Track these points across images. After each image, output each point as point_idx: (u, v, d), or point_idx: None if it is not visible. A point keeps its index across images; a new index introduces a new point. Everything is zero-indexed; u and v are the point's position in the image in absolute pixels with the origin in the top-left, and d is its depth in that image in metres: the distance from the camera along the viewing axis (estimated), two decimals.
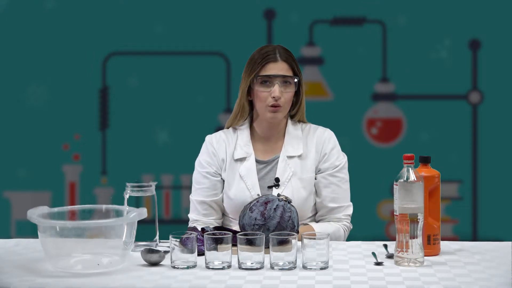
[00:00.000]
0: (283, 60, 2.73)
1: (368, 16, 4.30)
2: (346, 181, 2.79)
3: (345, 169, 2.80)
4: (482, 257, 2.35)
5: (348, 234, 2.80)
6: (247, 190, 2.74)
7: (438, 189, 2.38)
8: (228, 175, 2.77)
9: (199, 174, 2.82)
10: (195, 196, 2.81)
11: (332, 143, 2.79)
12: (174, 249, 2.23)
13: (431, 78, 4.29)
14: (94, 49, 4.31)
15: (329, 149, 2.78)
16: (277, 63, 2.72)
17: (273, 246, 2.21)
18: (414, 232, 2.24)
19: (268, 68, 2.72)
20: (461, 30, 4.27)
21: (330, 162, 2.77)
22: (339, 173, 2.77)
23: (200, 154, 2.84)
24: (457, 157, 4.29)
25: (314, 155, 2.77)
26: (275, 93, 2.69)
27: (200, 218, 2.78)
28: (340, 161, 2.78)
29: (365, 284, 2.06)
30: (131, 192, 2.45)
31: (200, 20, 4.31)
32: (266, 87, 2.71)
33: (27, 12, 4.31)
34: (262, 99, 2.72)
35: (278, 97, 2.69)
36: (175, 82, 4.33)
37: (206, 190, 2.79)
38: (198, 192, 2.80)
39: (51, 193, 4.33)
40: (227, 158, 2.79)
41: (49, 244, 2.21)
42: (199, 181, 2.81)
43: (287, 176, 2.74)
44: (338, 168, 2.77)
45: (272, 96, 2.70)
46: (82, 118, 4.34)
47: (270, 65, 2.72)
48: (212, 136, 2.84)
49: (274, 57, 2.72)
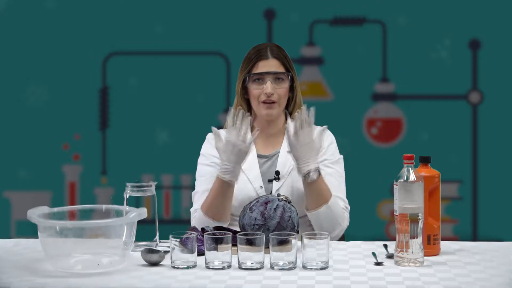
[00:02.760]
0: (274, 57, 2.75)
1: (368, 16, 4.30)
2: (341, 176, 2.78)
3: (341, 165, 2.79)
4: (482, 257, 2.35)
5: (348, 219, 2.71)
6: (249, 183, 2.74)
7: (438, 189, 2.38)
8: None
9: (204, 166, 2.79)
10: (201, 187, 2.75)
11: (329, 140, 2.82)
12: (174, 249, 2.23)
13: (431, 78, 4.29)
14: (94, 49, 4.31)
15: (327, 144, 2.79)
16: (268, 61, 2.74)
17: (273, 246, 2.21)
18: (414, 232, 2.24)
19: (260, 66, 2.74)
20: (461, 30, 4.27)
21: (326, 155, 2.78)
22: (334, 165, 2.77)
23: (203, 149, 2.83)
24: (457, 157, 4.29)
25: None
26: (267, 89, 2.71)
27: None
28: (336, 157, 2.79)
29: (365, 284, 2.06)
30: (131, 192, 2.45)
31: (200, 20, 4.31)
32: (258, 84, 2.74)
33: (27, 12, 4.31)
34: (255, 96, 2.74)
35: (270, 93, 2.71)
36: (175, 82, 4.33)
37: (212, 178, 2.71)
38: (204, 182, 2.75)
39: (51, 193, 4.33)
40: None
41: (49, 244, 2.21)
42: (204, 172, 2.77)
43: (287, 170, 2.75)
44: (333, 161, 2.78)
45: (265, 93, 2.72)
46: (82, 118, 4.33)
47: (261, 62, 2.74)
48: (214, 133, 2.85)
49: (265, 55, 2.75)
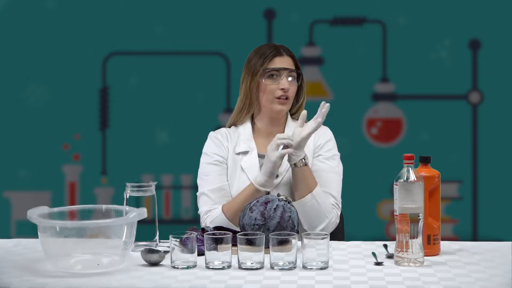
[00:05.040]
0: (288, 55, 2.78)
1: (368, 16, 4.30)
2: (335, 172, 2.76)
3: (335, 161, 2.78)
4: (482, 257, 2.35)
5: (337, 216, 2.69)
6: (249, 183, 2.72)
7: (438, 189, 2.38)
8: (231, 168, 2.77)
9: (207, 165, 2.77)
10: (206, 187, 2.74)
11: (328, 136, 2.82)
12: (174, 249, 2.23)
13: (431, 78, 4.29)
14: (94, 49, 4.31)
15: (325, 141, 2.80)
16: (283, 57, 2.76)
17: (273, 246, 2.21)
18: (414, 232, 2.24)
19: (276, 61, 2.75)
20: (461, 30, 4.27)
21: (322, 151, 2.78)
22: (328, 161, 2.76)
23: (205, 148, 2.81)
24: (457, 157, 4.29)
25: (312, 148, 2.78)
26: (284, 85, 2.72)
27: (216, 207, 2.71)
28: (333, 153, 2.78)
29: (365, 284, 2.06)
30: (131, 192, 2.45)
31: (200, 20, 4.31)
32: (273, 80, 2.74)
33: (27, 12, 4.31)
34: (269, 92, 2.74)
35: (287, 88, 2.73)
36: (175, 82, 4.33)
37: (218, 176, 2.74)
38: (209, 181, 2.75)
39: (51, 193, 4.33)
40: (230, 151, 2.78)
41: (49, 244, 2.21)
42: (209, 171, 2.76)
43: (286, 167, 2.74)
44: (328, 156, 2.77)
45: (281, 88, 2.72)
46: (82, 118, 4.34)
47: (277, 58, 2.76)
48: (216, 131, 2.85)
49: (280, 52, 2.77)
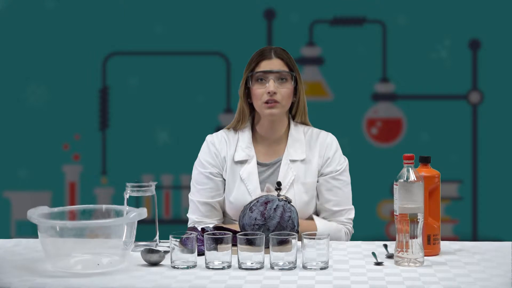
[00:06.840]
0: (278, 57, 2.73)
1: (368, 16, 4.30)
2: (348, 183, 2.78)
3: (347, 172, 2.79)
4: (482, 257, 2.35)
5: (350, 238, 2.78)
6: (248, 194, 2.71)
7: (438, 189, 2.38)
8: (229, 176, 2.74)
9: (201, 174, 2.77)
10: (197, 197, 2.75)
11: (334, 147, 2.78)
12: (174, 249, 2.23)
13: (431, 78, 4.29)
14: (94, 49, 4.32)
15: (332, 153, 2.76)
16: (271, 60, 2.72)
17: (273, 246, 2.20)
18: (414, 232, 2.24)
19: (262, 65, 2.71)
20: (461, 30, 4.27)
21: (332, 166, 2.75)
22: (341, 176, 2.76)
23: (201, 154, 2.79)
24: (457, 157, 4.29)
25: (317, 160, 2.75)
26: (269, 88, 2.67)
27: (202, 220, 2.73)
28: (341, 165, 2.77)
29: (365, 284, 2.06)
30: (131, 192, 2.45)
31: (200, 20, 4.31)
32: (261, 84, 2.70)
33: (27, 12, 4.31)
34: (258, 96, 2.70)
35: (272, 91, 2.67)
36: (175, 82, 4.33)
37: (209, 191, 2.74)
38: (200, 193, 2.75)
39: (51, 193, 4.33)
40: (227, 159, 2.76)
41: (49, 244, 2.21)
42: (201, 182, 2.76)
43: (289, 180, 2.72)
44: (340, 171, 2.76)
45: (267, 92, 2.68)
46: (82, 118, 4.34)
47: (263, 62, 2.71)
48: (214, 136, 2.80)
49: (268, 55, 2.72)
